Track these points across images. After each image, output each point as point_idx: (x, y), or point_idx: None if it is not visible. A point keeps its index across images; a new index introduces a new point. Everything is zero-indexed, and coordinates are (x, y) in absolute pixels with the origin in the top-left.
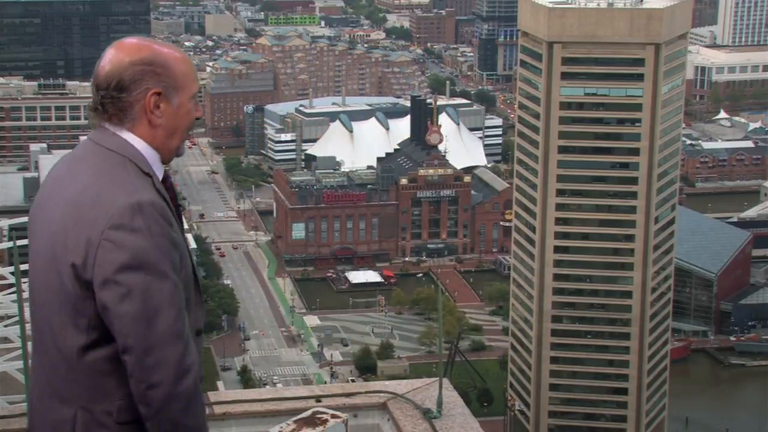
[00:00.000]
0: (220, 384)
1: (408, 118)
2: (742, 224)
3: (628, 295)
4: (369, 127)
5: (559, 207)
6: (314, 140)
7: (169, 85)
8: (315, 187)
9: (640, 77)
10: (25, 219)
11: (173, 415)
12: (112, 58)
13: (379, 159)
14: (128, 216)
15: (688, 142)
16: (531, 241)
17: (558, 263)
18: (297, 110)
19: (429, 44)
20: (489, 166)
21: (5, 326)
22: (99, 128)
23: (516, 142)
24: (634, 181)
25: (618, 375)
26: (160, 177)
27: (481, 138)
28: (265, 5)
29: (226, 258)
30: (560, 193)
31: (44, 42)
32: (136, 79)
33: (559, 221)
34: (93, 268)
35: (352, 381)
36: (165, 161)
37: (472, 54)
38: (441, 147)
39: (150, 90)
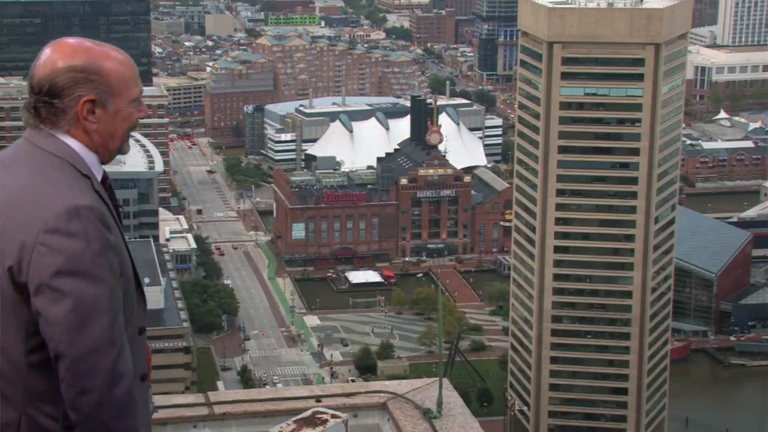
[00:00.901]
0: (220, 384)
1: (408, 118)
2: (742, 224)
3: (628, 295)
4: (369, 127)
5: (559, 207)
6: (314, 140)
7: (103, 92)
8: (315, 187)
9: (640, 77)
10: None
11: (104, 422)
12: (46, 60)
13: (379, 159)
14: (64, 220)
15: (688, 142)
16: (531, 241)
17: (558, 263)
18: (297, 110)
19: (429, 44)
20: (489, 166)
21: None
22: (35, 129)
23: (516, 142)
24: (634, 181)
25: (618, 375)
26: (99, 178)
27: (481, 138)
28: (265, 5)
29: (226, 258)
30: (560, 193)
31: (44, 42)
32: (69, 85)
33: (559, 221)
34: (28, 272)
35: (352, 381)
36: (104, 162)
37: (472, 54)
38: (441, 147)
39: (83, 97)
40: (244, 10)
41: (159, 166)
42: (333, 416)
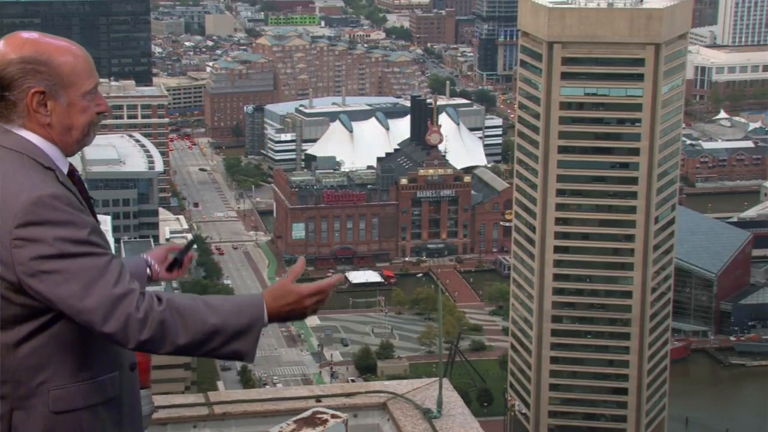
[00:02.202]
0: (220, 384)
1: (408, 118)
2: (742, 224)
3: (628, 295)
4: (369, 127)
5: (559, 207)
6: (314, 140)
7: (53, 84)
8: (315, 187)
9: (640, 77)
10: None
11: (167, 348)
12: None
13: (379, 159)
14: (32, 212)
15: (688, 142)
16: (531, 241)
17: (558, 263)
18: (297, 110)
19: (429, 44)
20: (489, 166)
21: None
22: None
23: (516, 142)
24: (634, 181)
25: (618, 375)
26: (65, 171)
27: (481, 138)
28: (265, 5)
29: (226, 258)
30: (560, 193)
31: None
32: (18, 77)
33: (559, 221)
34: (13, 268)
35: (352, 381)
36: (68, 154)
37: (472, 54)
38: (441, 147)
39: (31, 89)
40: (244, 10)
41: (159, 166)
42: (333, 416)
